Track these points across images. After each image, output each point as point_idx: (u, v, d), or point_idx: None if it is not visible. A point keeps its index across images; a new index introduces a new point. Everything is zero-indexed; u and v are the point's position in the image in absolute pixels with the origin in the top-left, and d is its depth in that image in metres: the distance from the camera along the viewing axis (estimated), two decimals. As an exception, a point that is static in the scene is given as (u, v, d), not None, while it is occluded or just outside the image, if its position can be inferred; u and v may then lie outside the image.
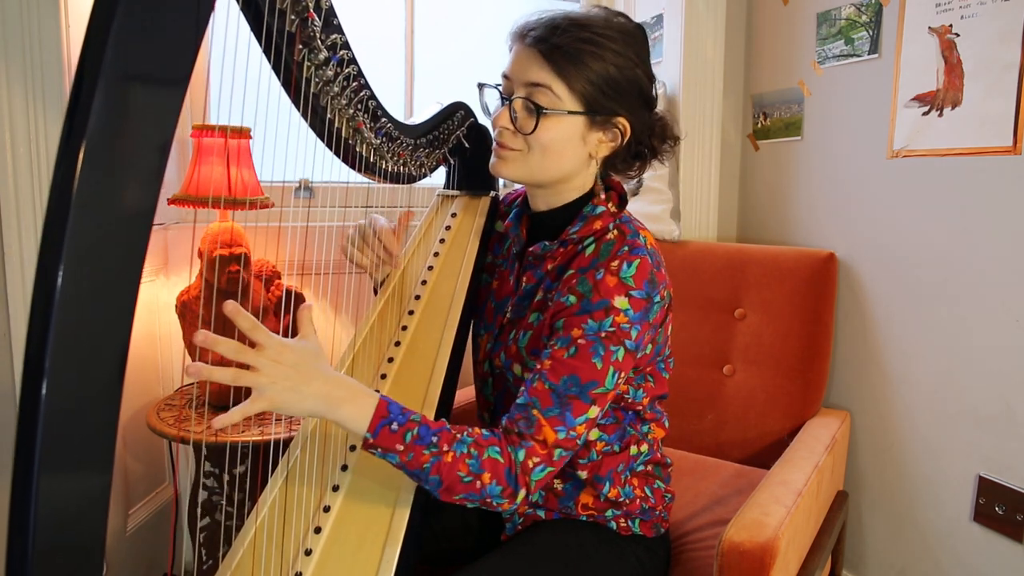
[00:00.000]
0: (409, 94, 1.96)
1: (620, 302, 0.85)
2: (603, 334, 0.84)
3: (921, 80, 1.41)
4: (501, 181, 1.24)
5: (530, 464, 0.82)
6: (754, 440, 1.56)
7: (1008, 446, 1.30)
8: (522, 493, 0.82)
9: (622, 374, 0.87)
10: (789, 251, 1.64)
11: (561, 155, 0.91)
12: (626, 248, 0.88)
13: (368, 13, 1.90)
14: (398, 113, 0.96)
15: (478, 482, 0.80)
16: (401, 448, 0.78)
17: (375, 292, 1.12)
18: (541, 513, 1.01)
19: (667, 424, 1.06)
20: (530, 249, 0.98)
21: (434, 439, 0.79)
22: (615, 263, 0.87)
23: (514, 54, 0.91)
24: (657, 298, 0.88)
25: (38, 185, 1.26)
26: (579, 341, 0.84)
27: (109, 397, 0.49)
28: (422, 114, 1.08)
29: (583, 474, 0.97)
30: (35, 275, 0.46)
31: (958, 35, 1.34)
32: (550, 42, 0.86)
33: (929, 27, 1.39)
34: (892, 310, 1.51)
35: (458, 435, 0.81)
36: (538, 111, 0.88)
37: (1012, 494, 1.29)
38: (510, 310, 1.00)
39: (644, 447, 1.01)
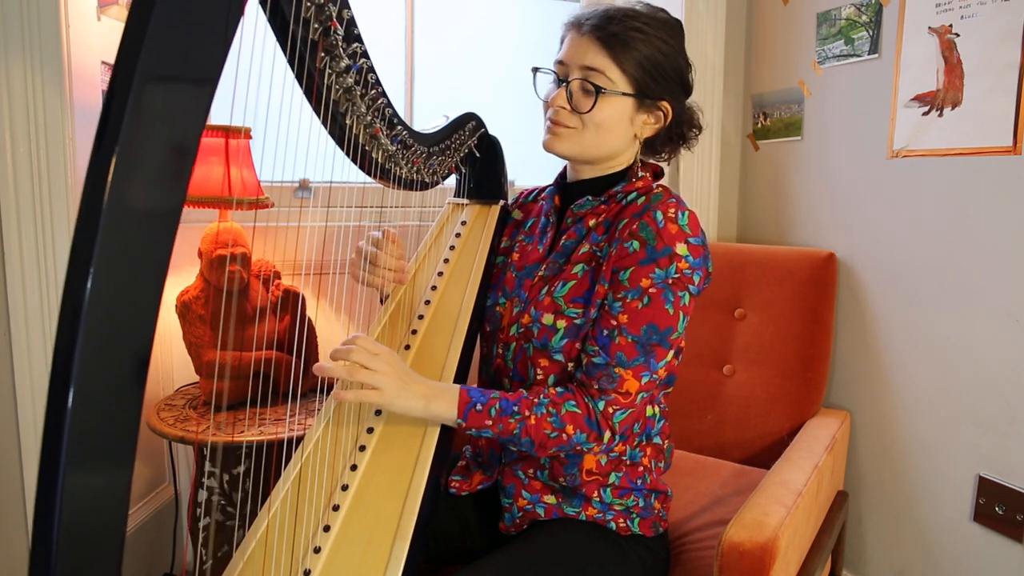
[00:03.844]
0: (409, 94, 1.96)
1: (681, 248, 0.92)
2: (670, 281, 0.91)
3: (921, 80, 1.41)
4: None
5: (611, 411, 0.92)
6: (754, 440, 1.56)
7: (1008, 446, 1.30)
8: (607, 434, 0.92)
9: (688, 318, 0.94)
10: (789, 251, 1.64)
11: (612, 133, 0.99)
12: (675, 199, 0.96)
13: (368, 13, 1.90)
14: (398, 113, 0.97)
15: (564, 435, 0.90)
16: (490, 423, 0.90)
17: (381, 302, 1.13)
18: (540, 511, 1.02)
19: (667, 415, 1.08)
20: (571, 207, 1.04)
21: (515, 408, 0.91)
22: (671, 210, 0.94)
23: (569, 41, 0.99)
24: (708, 251, 0.96)
25: (38, 185, 1.26)
26: (650, 291, 0.91)
27: (132, 395, 0.51)
28: (430, 126, 1.10)
29: None
30: (64, 280, 0.47)
31: (958, 35, 1.34)
32: (607, 30, 0.95)
33: (929, 27, 1.39)
34: (892, 310, 1.51)
35: (535, 399, 0.92)
36: (597, 91, 0.96)
37: (1012, 494, 1.29)
38: (544, 269, 1.04)
39: (657, 410, 1.05)
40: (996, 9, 1.27)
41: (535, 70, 1.04)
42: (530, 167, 1.06)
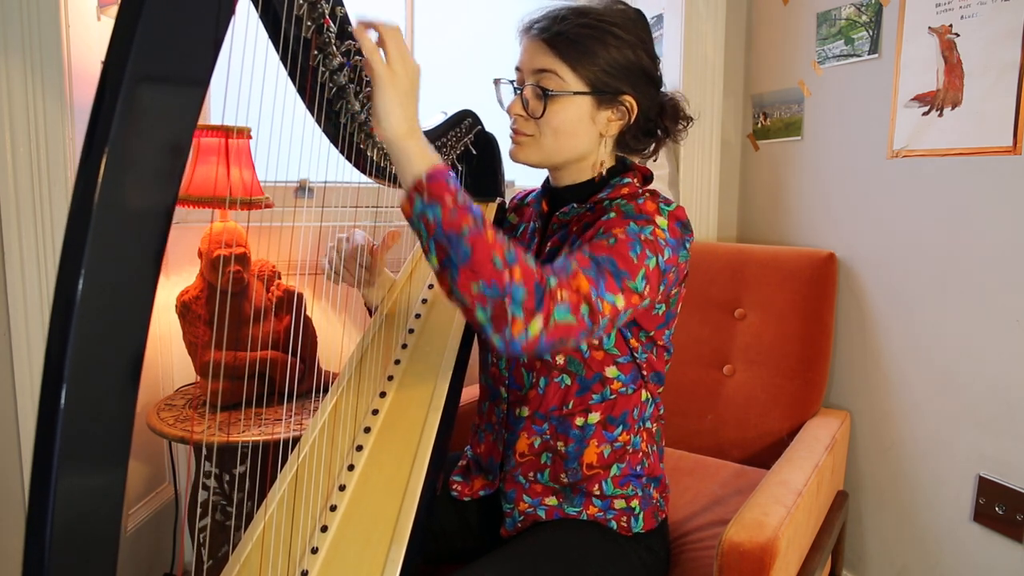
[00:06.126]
0: (409, 94, 1.96)
1: (660, 221, 0.90)
2: (643, 236, 0.87)
3: (921, 80, 1.41)
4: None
5: (558, 295, 0.77)
6: (754, 440, 1.56)
7: (1008, 446, 1.30)
8: (539, 320, 0.75)
9: (648, 287, 0.86)
10: (789, 251, 1.64)
11: (573, 135, 0.96)
12: (661, 200, 0.94)
13: (367, 13, 1.90)
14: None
15: (507, 273, 0.74)
16: (449, 200, 0.75)
17: (369, 313, 1.12)
18: (542, 513, 1.02)
19: (663, 411, 1.08)
20: (557, 213, 1.02)
21: (480, 218, 0.76)
22: (657, 201, 0.93)
23: (522, 47, 0.98)
24: (687, 244, 0.93)
25: (38, 185, 1.26)
26: (619, 235, 0.87)
27: (126, 395, 0.50)
28: (428, 123, 1.09)
29: (595, 416, 0.99)
30: (56, 279, 0.47)
31: (958, 35, 1.34)
32: (552, 31, 0.93)
33: (929, 27, 1.39)
34: (892, 310, 1.51)
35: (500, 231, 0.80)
36: (546, 95, 0.93)
37: (1012, 494, 1.29)
38: None
39: (648, 395, 1.04)
40: (996, 9, 1.27)
41: (496, 82, 1.02)
42: (530, 167, 1.06)
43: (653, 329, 0.99)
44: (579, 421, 0.99)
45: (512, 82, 1.00)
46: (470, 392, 1.45)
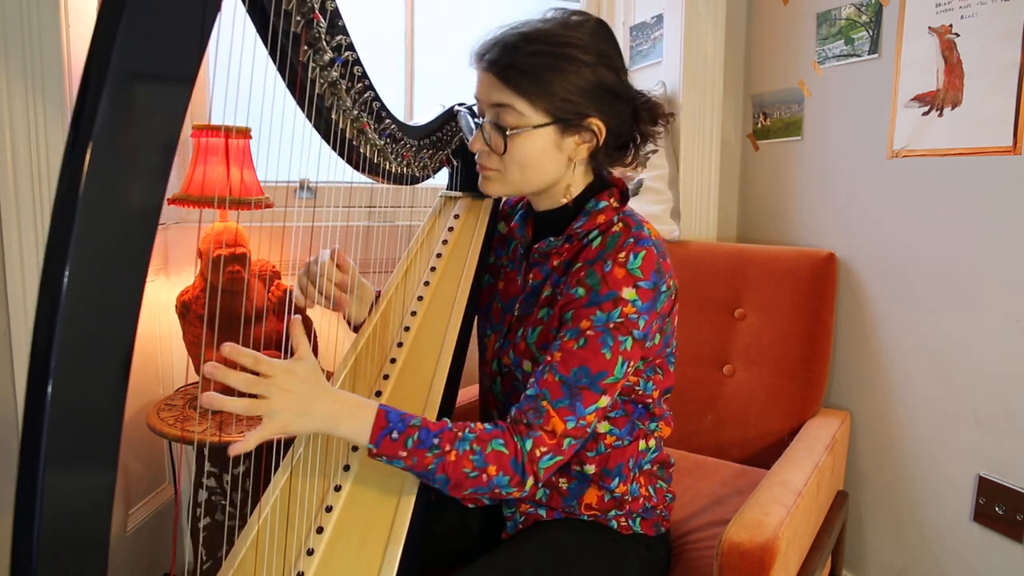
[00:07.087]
0: (409, 94, 1.96)
1: (628, 293, 0.86)
2: (611, 325, 0.86)
3: (921, 80, 1.41)
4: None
5: (537, 453, 0.84)
6: (754, 440, 1.56)
7: (1008, 446, 1.30)
8: (530, 481, 0.85)
9: (631, 363, 0.88)
10: (789, 251, 1.64)
11: (540, 166, 0.93)
12: (632, 240, 0.89)
13: (368, 13, 1.90)
14: (398, 114, 0.97)
15: (484, 475, 0.82)
16: (404, 454, 0.81)
17: (354, 331, 1.10)
18: (543, 512, 1.02)
19: (672, 423, 1.06)
20: (535, 246, 1.00)
21: (435, 441, 0.82)
22: (622, 255, 0.88)
23: (477, 77, 0.94)
24: (664, 287, 0.90)
25: (38, 185, 1.26)
26: (588, 332, 0.86)
27: (114, 395, 0.50)
28: (425, 116, 1.09)
29: (591, 468, 0.98)
30: (41, 276, 0.46)
31: (958, 35, 1.34)
32: (504, 63, 0.88)
33: (929, 27, 1.39)
34: (892, 310, 1.51)
35: (459, 433, 0.83)
36: (504, 132, 0.90)
37: (1012, 494, 1.29)
38: (518, 308, 1.01)
39: (652, 442, 1.02)
40: (996, 9, 1.27)
41: (456, 112, 0.99)
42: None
43: (652, 356, 0.97)
44: (575, 469, 0.99)
45: (472, 111, 0.97)
46: (470, 392, 1.45)
